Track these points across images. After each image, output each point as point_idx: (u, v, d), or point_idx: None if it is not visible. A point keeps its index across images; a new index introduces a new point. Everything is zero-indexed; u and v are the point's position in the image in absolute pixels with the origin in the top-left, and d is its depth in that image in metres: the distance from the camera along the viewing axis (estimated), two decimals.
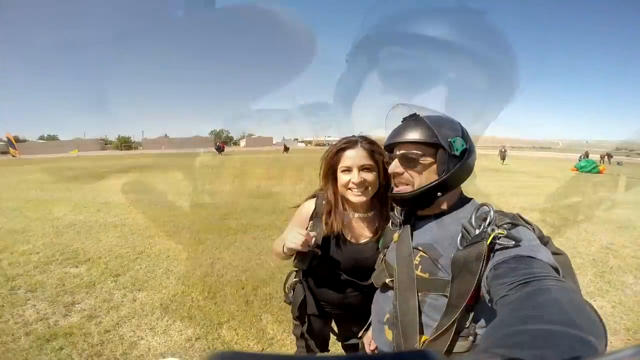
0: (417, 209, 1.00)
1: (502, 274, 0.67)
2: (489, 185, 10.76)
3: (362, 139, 1.25)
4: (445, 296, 0.83)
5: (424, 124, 0.89)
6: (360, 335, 1.54)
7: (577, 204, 7.84)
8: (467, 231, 0.80)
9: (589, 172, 17.97)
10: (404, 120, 0.96)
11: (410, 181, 0.93)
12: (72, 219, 5.85)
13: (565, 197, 8.88)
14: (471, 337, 0.81)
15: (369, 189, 1.22)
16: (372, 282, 1.15)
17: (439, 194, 0.91)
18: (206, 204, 7.14)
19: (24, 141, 64.90)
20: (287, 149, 37.70)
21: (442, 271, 0.85)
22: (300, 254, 1.25)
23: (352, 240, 1.31)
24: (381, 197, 1.28)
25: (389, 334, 0.97)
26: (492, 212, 0.79)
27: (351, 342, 1.54)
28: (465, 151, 0.88)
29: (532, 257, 0.68)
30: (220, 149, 31.66)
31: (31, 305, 2.87)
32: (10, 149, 31.55)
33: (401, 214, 1.07)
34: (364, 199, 1.21)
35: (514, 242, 0.72)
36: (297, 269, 1.47)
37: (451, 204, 0.95)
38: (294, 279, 1.53)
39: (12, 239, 4.68)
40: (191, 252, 4.22)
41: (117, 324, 2.60)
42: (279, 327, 2.58)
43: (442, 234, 0.90)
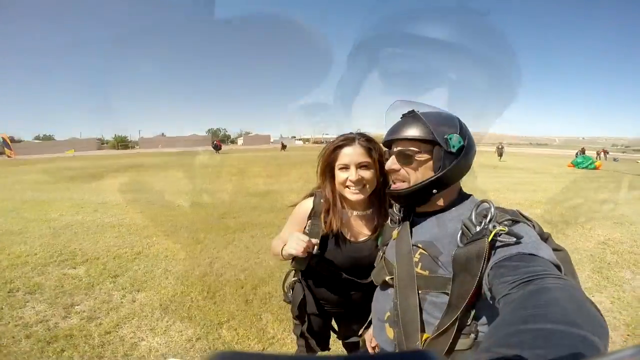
0: (414, 205, 1.00)
1: (504, 272, 0.66)
2: (487, 181, 10.82)
3: (360, 136, 1.23)
4: (445, 294, 0.83)
5: (421, 120, 0.88)
6: (360, 333, 1.54)
7: (574, 200, 7.88)
8: (467, 228, 0.79)
9: (586, 168, 18.09)
10: (402, 116, 0.95)
11: (406, 178, 0.92)
12: (69, 219, 5.82)
13: (562, 194, 8.91)
14: (473, 335, 0.81)
15: (367, 186, 1.20)
16: (371, 280, 1.14)
17: (434, 191, 0.90)
18: (204, 203, 7.13)
19: (19, 141, 64.41)
20: (284, 147, 37.71)
21: (443, 269, 0.85)
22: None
23: (351, 238, 1.30)
24: (379, 195, 1.27)
25: (390, 332, 0.96)
26: (492, 209, 0.78)
27: (352, 340, 1.54)
28: (462, 148, 0.87)
29: (534, 254, 0.67)
30: (217, 147, 31.99)
31: (30, 307, 2.86)
32: (5, 149, 31.26)
33: (400, 211, 1.07)
34: (361, 197, 1.20)
35: (515, 239, 0.71)
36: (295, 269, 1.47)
37: (450, 201, 0.95)
38: (293, 278, 1.52)
39: (9, 241, 4.66)
40: (190, 252, 4.21)
41: (117, 325, 2.59)
42: (279, 326, 2.59)
43: (442, 231, 0.89)
